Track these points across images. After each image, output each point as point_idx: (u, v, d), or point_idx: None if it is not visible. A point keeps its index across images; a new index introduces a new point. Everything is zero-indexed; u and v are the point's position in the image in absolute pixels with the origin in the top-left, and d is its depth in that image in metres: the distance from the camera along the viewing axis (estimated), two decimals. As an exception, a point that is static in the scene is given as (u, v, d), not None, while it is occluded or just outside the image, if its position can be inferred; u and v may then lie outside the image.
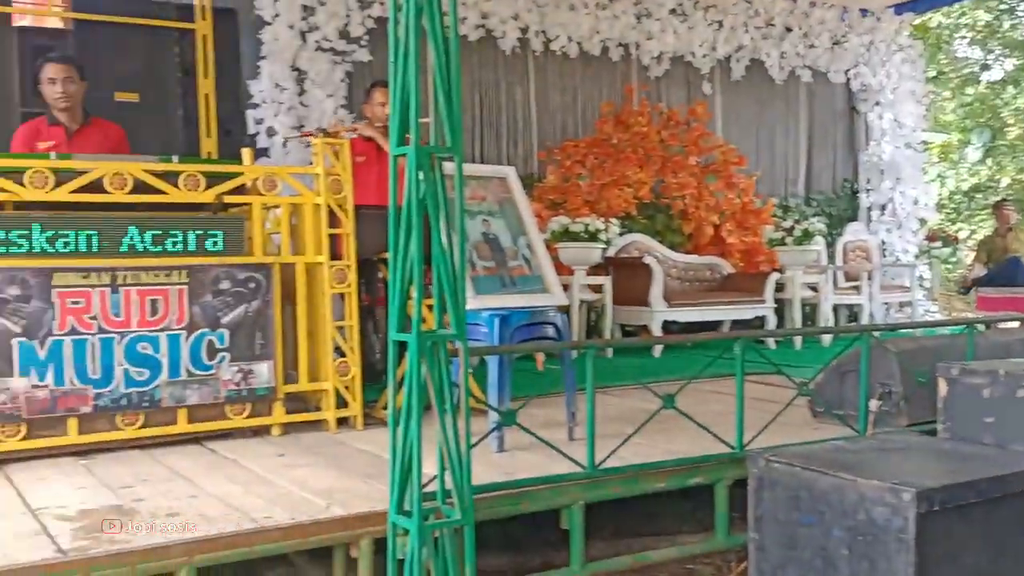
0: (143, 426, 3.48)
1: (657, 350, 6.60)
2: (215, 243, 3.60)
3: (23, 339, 3.27)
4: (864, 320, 7.85)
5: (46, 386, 3.30)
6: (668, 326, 6.78)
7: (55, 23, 5.87)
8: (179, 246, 3.54)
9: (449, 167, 2.25)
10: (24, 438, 3.29)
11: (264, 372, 3.67)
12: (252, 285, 3.66)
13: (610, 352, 6.28)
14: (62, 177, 3.37)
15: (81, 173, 3.38)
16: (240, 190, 3.75)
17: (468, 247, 3.74)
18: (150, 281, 3.48)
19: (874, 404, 3.50)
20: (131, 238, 3.46)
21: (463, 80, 7.20)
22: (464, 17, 7.28)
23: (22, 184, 3.30)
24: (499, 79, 7.57)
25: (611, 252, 7.09)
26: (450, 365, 2.23)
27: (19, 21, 5.85)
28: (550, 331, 3.62)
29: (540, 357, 5.85)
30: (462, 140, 2.22)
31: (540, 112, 7.73)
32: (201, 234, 3.58)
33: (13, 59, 5.19)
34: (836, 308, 7.91)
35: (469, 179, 3.92)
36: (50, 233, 3.33)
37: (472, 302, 3.46)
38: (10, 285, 3.26)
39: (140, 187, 3.48)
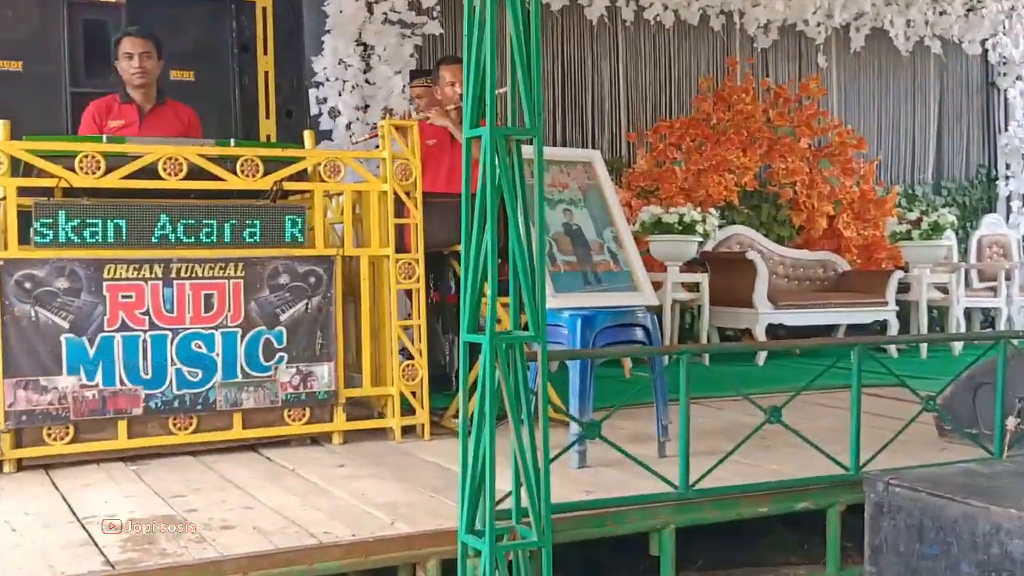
0: (196, 430, 3.58)
1: (761, 357, 6.51)
2: (274, 234, 3.69)
3: (71, 335, 3.40)
4: (1001, 326, 7.59)
5: (95, 386, 3.42)
6: (774, 330, 6.68)
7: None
8: (235, 237, 3.63)
9: (528, 151, 2.25)
10: (71, 441, 3.42)
11: (325, 375, 3.74)
12: (312, 280, 3.74)
13: (707, 358, 6.21)
14: (114, 162, 3.48)
15: (134, 158, 3.50)
16: (301, 176, 3.83)
17: (548, 240, 3.74)
18: (205, 274, 3.58)
19: (1011, 422, 3.38)
20: (185, 228, 3.56)
21: (544, 54, 7.22)
22: (544, -18, 7.29)
23: (72, 169, 3.43)
24: (584, 52, 7.56)
25: (709, 246, 7.02)
26: (527, 370, 2.23)
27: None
28: (639, 334, 3.60)
29: (627, 363, 5.82)
30: (543, 121, 2.23)
31: (630, 89, 7.70)
32: (259, 224, 3.66)
33: (62, 35, 5.40)
34: (969, 312, 7.68)
35: (550, 164, 3.93)
36: (100, 222, 3.45)
37: (552, 301, 3.47)
38: (59, 277, 3.39)
39: (195, 173, 3.58)
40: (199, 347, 3.57)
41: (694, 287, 6.72)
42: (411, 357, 3.91)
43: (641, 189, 7.28)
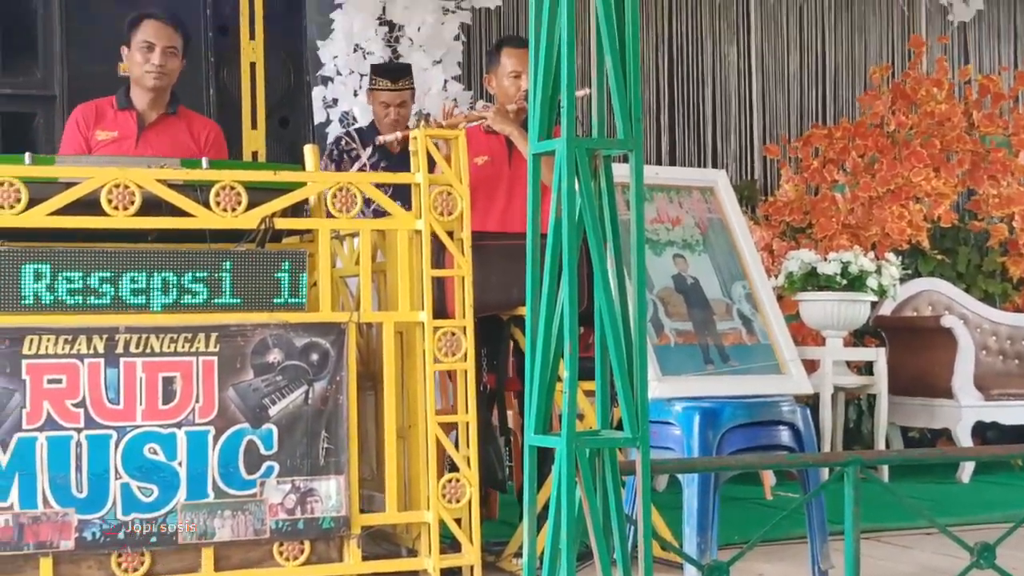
0: (149, 572, 3.60)
1: (966, 471, 6.37)
2: (261, 292, 3.73)
3: (-22, 435, 3.46)
4: None
5: (8, 508, 3.45)
6: (983, 431, 6.54)
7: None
8: (207, 296, 3.68)
9: (622, 171, 2.26)
10: (-25, 586, 3.46)
11: (331, 493, 3.74)
12: (315, 357, 3.76)
13: (885, 472, 6.10)
14: (40, 191, 3.55)
15: (69, 185, 3.57)
16: (300, 210, 3.88)
17: (652, 299, 3.72)
18: (163, 349, 3.63)
19: None
20: (137, 284, 3.62)
21: (644, 38, 7.27)
22: (647, -62, 7.36)
23: (-17, 202, 3.51)
24: (702, 34, 7.60)
25: (887, 309, 6.92)
26: (621, 488, 2.22)
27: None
28: (784, 436, 3.56)
29: (768, 478, 5.73)
30: (642, 129, 2.24)
31: (767, 84, 7.71)
32: (240, 278, 3.71)
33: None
34: None
35: (654, 190, 3.93)
36: (20, 275, 3.51)
37: (658, 387, 3.45)
38: (-38, 353, 3.46)
39: (152, 206, 3.64)
40: (154, 453, 3.60)
41: (865, 368, 6.61)
42: (456, 469, 3.89)
43: (786, 226, 7.24)
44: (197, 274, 3.68)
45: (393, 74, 5.57)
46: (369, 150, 5.24)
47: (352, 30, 6.64)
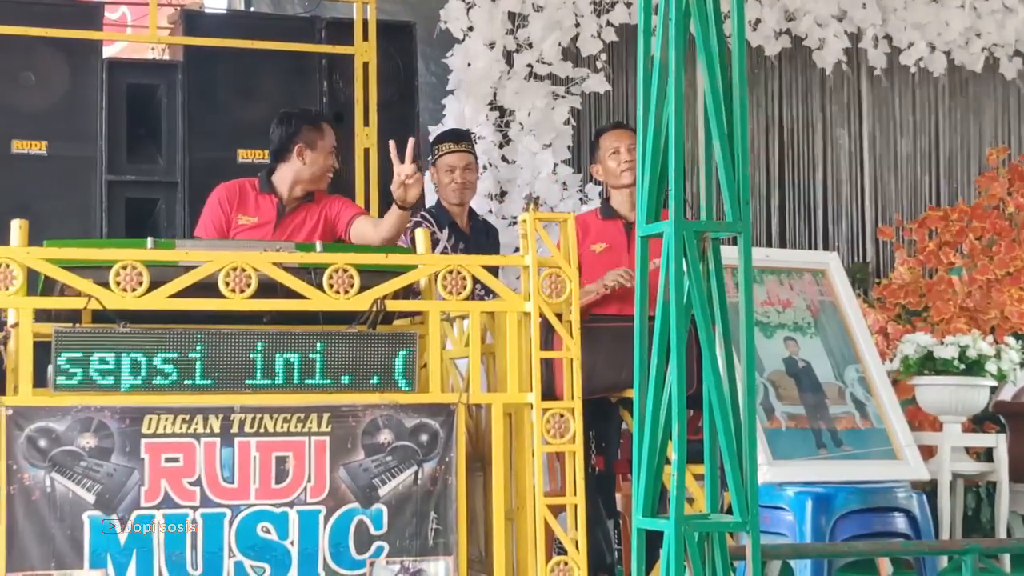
0: (259, 652, 3.62)
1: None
2: (372, 373, 3.77)
3: (97, 513, 3.51)
4: None
5: (126, 584, 3.53)
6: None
7: (156, 53, 6.50)
8: (320, 377, 3.73)
9: (731, 253, 2.26)
10: (91, 662, 3.50)
11: (440, 574, 3.73)
12: (425, 438, 3.78)
13: (1007, 561, 5.94)
14: (160, 274, 3.64)
15: (188, 268, 3.66)
16: (410, 292, 3.92)
17: (762, 382, 3.70)
18: (276, 429, 3.67)
19: None
20: (252, 364, 3.68)
21: (752, 115, 7.27)
22: (756, 19, 7.38)
23: (106, 284, 3.60)
24: (812, 112, 7.58)
25: (1007, 394, 6.77)
26: (732, 572, 2.19)
27: (109, 51, 6.52)
28: (900, 523, 3.50)
29: (885, 565, 5.61)
30: (751, 211, 2.24)
31: (879, 165, 7.65)
32: (352, 359, 3.75)
33: (99, 105, 5.73)
34: None
35: (764, 273, 3.91)
36: (140, 357, 3.60)
37: (768, 472, 3.41)
38: (83, 433, 3.52)
39: (267, 288, 3.71)
40: (267, 532, 3.64)
41: (984, 455, 6.46)
42: (564, 552, 3.87)
43: (902, 309, 7.14)
44: (310, 355, 3.73)
45: (455, 135, 5.62)
46: (446, 232, 5.29)
47: (463, 115, 6.73)
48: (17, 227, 3.61)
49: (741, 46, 2.23)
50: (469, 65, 6.80)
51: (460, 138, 5.51)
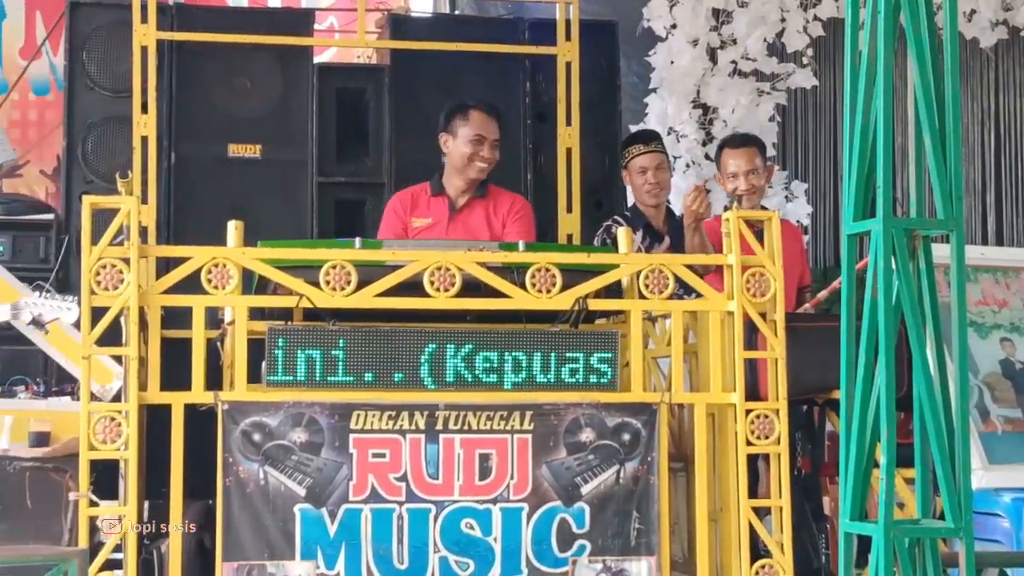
0: (463, 646, 3.67)
1: None
2: (574, 372, 3.78)
3: (308, 506, 3.62)
4: None
5: (336, 575, 3.61)
6: None
7: (363, 57, 6.65)
8: (522, 375, 3.76)
9: (943, 251, 2.20)
10: (302, 650, 3.60)
11: (643, 574, 3.72)
12: (627, 437, 3.77)
13: None
14: (367, 274, 3.72)
15: (394, 268, 3.73)
16: (613, 292, 3.92)
17: (976, 384, 3.59)
18: (480, 427, 3.71)
19: None
20: (457, 362, 3.73)
21: (966, 108, 7.06)
22: (971, 10, 7.16)
23: (316, 284, 3.70)
24: (1031, 106, 7.32)
25: None
26: (944, 580, 2.13)
27: (320, 56, 6.70)
28: None
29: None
30: (964, 208, 2.17)
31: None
32: (554, 358, 3.77)
33: (310, 109, 5.89)
34: None
35: (978, 271, 3.80)
36: (348, 354, 3.69)
37: (983, 477, 3.31)
38: (294, 428, 3.63)
39: (470, 287, 3.76)
40: (470, 528, 3.68)
41: None
42: (769, 554, 3.82)
43: None
44: (514, 354, 3.76)
45: (644, 136, 5.55)
46: (639, 234, 5.25)
47: (666, 114, 6.71)
48: (233, 228, 3.74)
49: (954, 38, 2.16)
50: (672, 63, 6.78)
51: (649, 138, 5.48)
